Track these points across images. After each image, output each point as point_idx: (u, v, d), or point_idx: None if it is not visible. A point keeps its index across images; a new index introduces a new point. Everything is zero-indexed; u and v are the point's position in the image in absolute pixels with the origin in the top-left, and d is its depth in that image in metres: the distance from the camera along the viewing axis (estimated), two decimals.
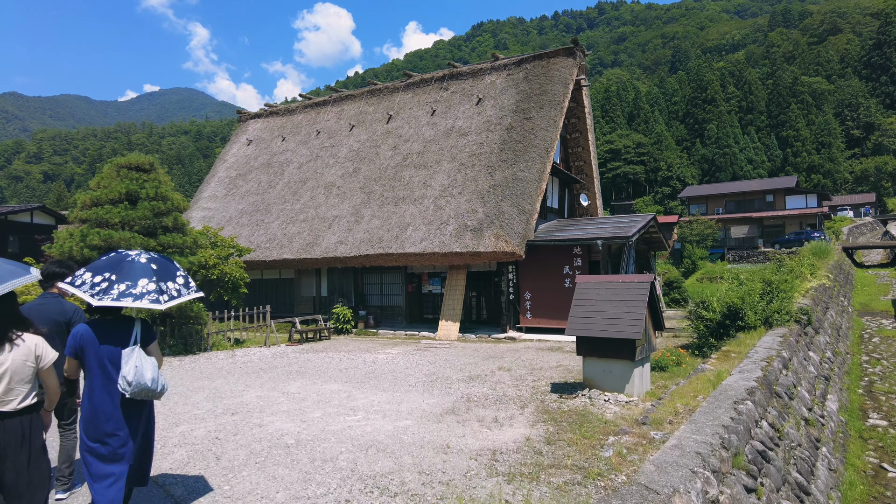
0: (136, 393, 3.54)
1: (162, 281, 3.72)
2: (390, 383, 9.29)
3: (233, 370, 10.88)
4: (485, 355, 12.46)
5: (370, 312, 18.38)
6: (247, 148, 24.65)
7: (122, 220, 11.72)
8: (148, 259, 3.82)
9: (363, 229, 17.64)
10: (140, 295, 3.53)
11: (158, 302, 3.58)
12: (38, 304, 4.50)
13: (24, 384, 3.17)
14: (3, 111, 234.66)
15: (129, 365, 3.55)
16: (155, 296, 3.58)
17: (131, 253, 3.88)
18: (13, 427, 3.09)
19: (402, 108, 21.19)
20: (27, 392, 3.20)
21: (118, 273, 3.62)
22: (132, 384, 3.52)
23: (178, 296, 3.80)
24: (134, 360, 3.57)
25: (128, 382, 3.52)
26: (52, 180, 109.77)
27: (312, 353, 13.32)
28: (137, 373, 3.54)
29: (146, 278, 3.63)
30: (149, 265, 3.75)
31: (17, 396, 3.13)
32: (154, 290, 3.59)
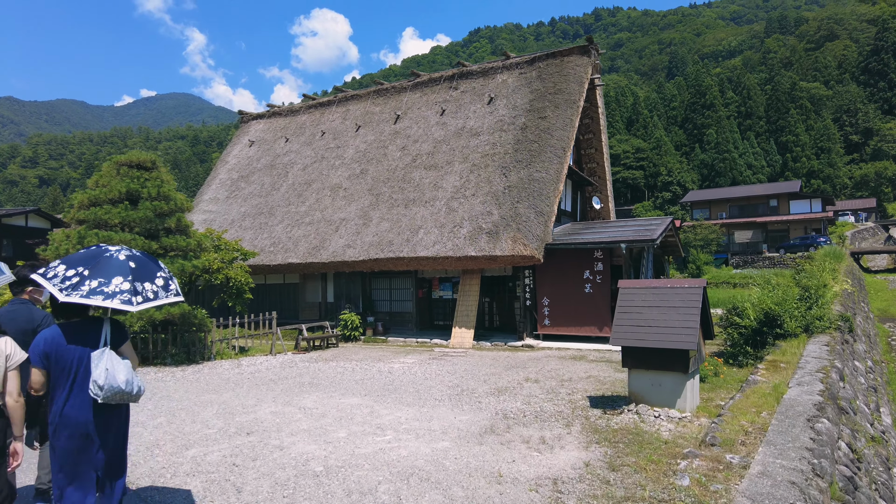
0: (108, 397, 3.29)
1: (138, 281, 3.43)
2: (413, 397, 8.59)
3: (240, 381, 10.15)
4: (506, 365, 11.77)
5: (379, 319, 17.66)
6: (249, 149, 23.94)
7: (123, 221, 11.00)
8: (127, 256, 3.55)
9: (372, 232, 16.95)
10: (112, 294, 3.26)
11: (130, 303, 3.29)
12: (6, 310, 4.22)
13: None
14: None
15: (100, 368, 3.30)
16: (128, 296, 3.29)
17: (111, 248, 3.59)
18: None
19: (410, 107, 20.55)
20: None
21: (92, 268, 3.37)
22: (104, 388, 3.27)
23: (155, 298, 3.47)
24: (104, 363, 3.32)
25: (99, 386, 3.27)
26: (48, 185, 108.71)
27: (322, 363, 12.60)
28: (109, 375, 3.29)
29: (121, 276, 3.36)
30: (126, 263, 3.47)
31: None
32: (128, 291, 3.32)
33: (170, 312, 11.11)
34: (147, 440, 6.19)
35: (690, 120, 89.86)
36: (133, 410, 7.56)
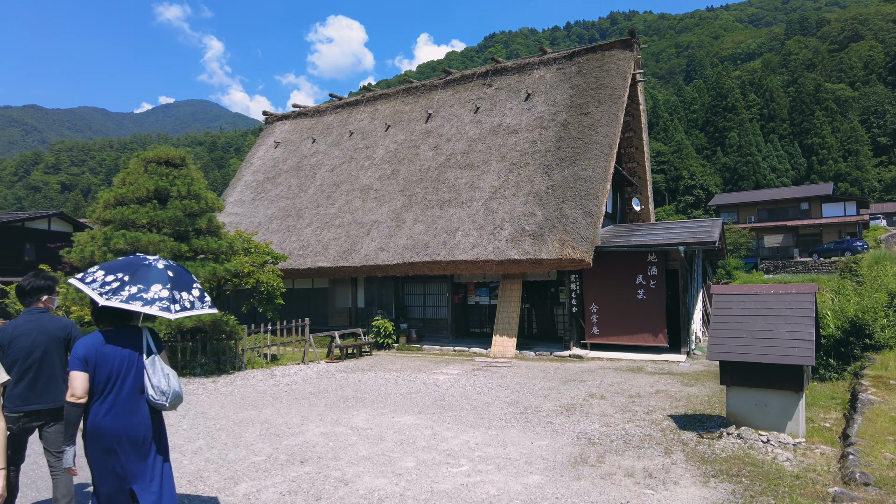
0: (173, 402, 3.32)
1: (176, 290, 3.41)
2: (473, 415, 7.71)
3: (278, 395, 9.33)
4: (559, 378, 10.84)
5: (412, 326, 16.80)
6: (274, 150, 23.27)
7: (151, 220, 10.25)
8: (165, 266, 3.55)
9: (406, 235, 16.12)
10: (151, 300, 3.25)
11: (169, 310, 3.26)
12: (28, 320, 3.98)
13: None
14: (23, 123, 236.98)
15: (158, 375, 3.30)
16: (167, 303, 3.27)
17: (150, 257, 3.61)
18: None
19: (442, 106, 19.74)
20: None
21: (132, 275, 3.35)
22: (167, 393, 3.27)
23: (191, 308, 3.45)
24: (160, 369, 3.33)
25: (161, 392, 3.26)
26: (70, 190, 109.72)
27: (360, 373, 11.77)
28: (170, 381, 3.32)
29: (160, 284, 3.35)
30: (165, 272, 3.47)
31: None
32: (167, 298, 3.29)
33: (200, 319, 10.35)
34: (189, 471, 5.36)
35: (711, 123, 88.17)
36: (168, 431, 6.77)
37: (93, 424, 3.22)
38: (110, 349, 3.28)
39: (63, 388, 3.90)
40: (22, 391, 3.82)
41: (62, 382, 3.99)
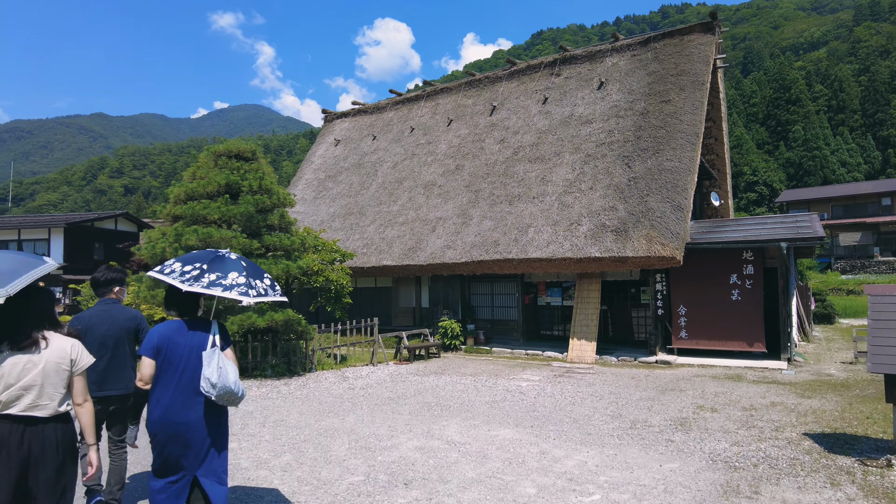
0: (220, 396, 3.35)
1: (251, 277, 3.60)
2: (576, 429, 6.90)
3: (356, 400, 8.75)
4: (654, 386, 9.88)
5: (479, 327, 16.06)
6: (335, 148, 22.98)
7: (222, 216, 9.87)
8: (238, 257, 3.73)
9: (473, 232, 15.39)
10: (230, 286, 3.41)
11: (247, 294, 3.45)
12: (101, 310, 4.28)
13: (57, 389, 2.90)
14: (90, 131, 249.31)
15: (213, 366, 3.36)
16: (244, 289, 3.45)
17: (221, 250, 3.78)
18: (49, 434, 2.85)
19: (507, 97, 18.92)
20: (61, 398, 2.92)
21: (209, 263, 3.53)
22: (217, 386, 3.33)
23: (265, 294, 3.63)
24: (216, 361, 3.39)
25: (212, 384, 3.33)
26: (132, 193, 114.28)
27: (433, 377, 11.11)
28: (222, 374, 3.36)
29: (236, 272, 3.53)
30: (239, 261, 3.67)
31: (51, 401, 2.86)
32: (244, 284, 3.47)
33: (273, 319, 9.91)
34: (284, 492, 4.76)
35: (773, 116, 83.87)
36: (251, 442, 6.25)
37: (155, 410, 3.36)
38: (180, 339, 3.41)
39: (132, 375, 4.23)
40: (96, 377, 3.99)
41: (131, 370, 4.25)
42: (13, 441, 2.74)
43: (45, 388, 2.85)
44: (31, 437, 2.78)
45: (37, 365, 2.84)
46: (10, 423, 2.77)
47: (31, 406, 2.81)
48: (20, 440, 2.75)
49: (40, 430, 2.81)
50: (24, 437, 2.76)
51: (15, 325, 2.86)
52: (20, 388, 2.80)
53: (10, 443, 2.73)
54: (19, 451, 2.74)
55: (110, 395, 4.09)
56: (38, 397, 2.83)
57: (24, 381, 2.80)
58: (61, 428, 2.90)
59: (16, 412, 2.78)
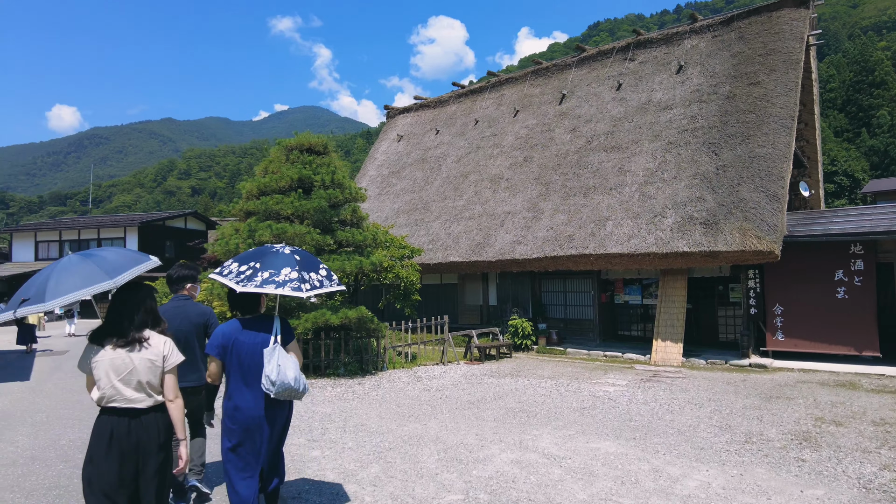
0: (280, 393, 3.43)
1: (304, 271, 3.62)
2: (685, 443, 6.17)
3: (434, 403, 8.29)
4: (757, 394, 8.95)
5: (551, 326, 15.35)
6: (397, 144, 22.72)
7: (295, 211, 9.62)
8: (292, 251, 3.78)
9: (545, 226, 14.69)
10: (282, 282, 3.44)
11: (300, 290, 3.46)
12: (174, 306, 4.46)
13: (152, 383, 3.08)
14: (160, 135, 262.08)
15: (272, 364, 3.44)
16: (297, 283, 3.47)
17: (276, 246, 3.85)
18: (148, 423, 3.04)
19: (577, 85, 18.07)
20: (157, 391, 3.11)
21: (262, 261, 3.59)
22: (276, 383, 3.41)
23: (320, 286, 3.65)
24: (276, 359, 3.46)
25: (271, 382, 3.42)
26: (199, 194, 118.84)
27: (509, 379, 10.53)
28: (280, 371, 3.42)
29: (289, 267, 3.56)
30: (292, 256, 3.70)
31: (151, 395, 3.07)
32: (296, 279, 3.50)
33: (347, 316, 9.59)
34: None
35: (854, 101, 78.25)
36: (334, 450, 5.79)
37: (226, 406, 3.53)
38: (244, 336, 3.51)
39: (202, 368, 4.41)
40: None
41: (202, 364, 4.43)
42: (121, 431, 2.96)
43: (143, 382, 3.04)
44: (137, 427, 2.99)
45: (133, 360, 3.02)
46: (116, 415, 2.99)
47: (132, 399, 3.01)
48: (127, 430, 2.96)
49: (142, 420, 3.01)
50: (131, 427, 2.97)
51: (121, 320, 3.06)
52: (121, 382, 3.00)
53: (119, 433, 2.96)
54: (128, 440, 2.95)
55: (184, 386, 4.15)
56: (137, 390, 3.03)
57: (122, 375, 2.99)
58: (161, 417, 3.11)
59: (119, 405, 2.99)
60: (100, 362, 3.00)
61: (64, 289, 2.85)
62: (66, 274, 2.92)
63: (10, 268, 30.08)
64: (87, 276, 2.91)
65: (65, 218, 52.60)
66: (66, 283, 2.88)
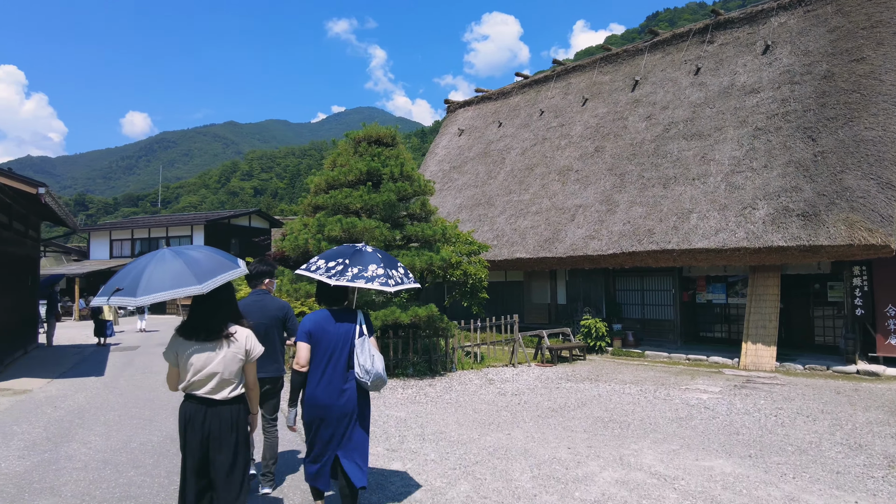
0: (374, 382, 3.59)
1: (388, 268, 3.79)
2: (812, 463, 5.35)
3: (513, 409, 7.71)
4: (877, 405, 7.92)
5: (627, 327, 14.47)
6: (458, 138, 22.22)
7: (364, 204, 9.24)
8: (374, 249, 3.96)
9: (620, 220, 13.83)
10: (371, 278, 3.61)
11: (387, 285, 3.63)
12: (253, 300, 4.59)
13: (234, 375, 3.21)
14: (223, 138, 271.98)
15: (365, 354, 3.59)
16: (384, 279, 3.63)
17: (357, 244, 4.02)
18: (225, 414, 3.17)
19: (651, 71, 17.03)
20: (236, 384, 3.24)
21: (350, 259, 3.76)
22: (371, 373, 3.56)
23: (402, 283, 3.82)
24: (368, 349, 3.62)
25: (366, 371, 3.56)
26: (261, 194, 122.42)
27: (589, 384, 9.82)
28: (374, 361, 3.59)
29: (375, 264, 3.73)
30: (375, 254, 3.89)
31: (229, 387, 3.19)
32: (383, 275, 3.66)
33: (417, 314, 9.15)
34: None
35: None
36: (416, 463, 5.15)
37: (309, 393, 3.62)
38: (331, 327, 3.64)
39: (280, 360, 4.61)
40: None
41: (280, 356, 4.61)
42: (197, 419, 3.13)
43: (224, 375, 3.17)
44: (212, 416, 3.14)
45: (219, 354, 3.15)
46: (196, 403, 3.17)
47: (211, 390, 3.15)
48: (203, 418, 3.13)
49: (218, 411, 3.16)
50: (206, 415, 3.14)
51: (209, 317, 3.18)
52: (205, 374, 3.13)
53: (195, 420, 3.14)
54: (202, 427, 3.12)
55: (262, 377, 4.24)
56: (218, 383, 3.16)
57: (208, 368, 3.13)
58: (235, 409, 3.24)
59: (200, 394, 3.15)
60: (186, 355, 3.13)
61: (154, 287, 2.93)
62: (158, 271, 3.01)
63: (88, 265, 31.50)
64: (176, 277, 2.98)
65: (136, 217, 55.02)
66: (157, 281, 2.95)
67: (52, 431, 6.12)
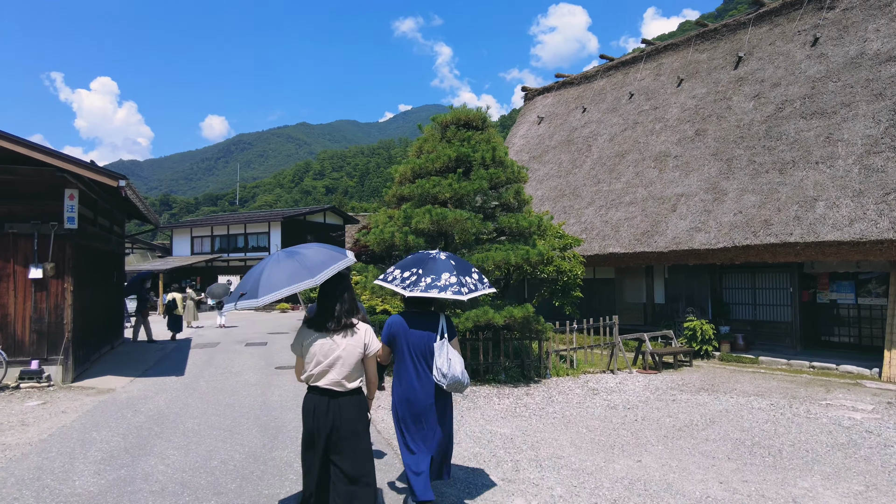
0: (450, 385, 3.63)
1: (461, 275, 3.85)
2: None
3: (632, 427, 6.67)
4: None
5: (735, 329, 12.99)
6: (537, 127, 21.09)
7: (454, 193, 8.42)
8: (447, 256, 4.00)
9: (730, 209, 12.37)
10: (444, 287, 3.70)
11: (461, 293, 3.70)
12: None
13: (354, 368, 3.30)
14: (296, 139, 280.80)
15: (443, 357, 3.65)
16: (457, 287, 3.72)
17: (431, 252, 4.07)
18: (351, 404, 3.28)
19: (757, 45, 15.31)
20: (357, 376, 3.34)
21: (423, 268, 3.85)
22: (447, 375, 3.61)
23: (475, 289, 3.88)
24: (446, 353, 3.66)
25: (443, 374, 3.62)
26: (332, 193, 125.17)
27: (706, 395, 8.60)
28: (451, 365, 3.63)
29: (448, 272, 3.80)
30: (448, 261, 3.92)
31: (349, 378, 3.28)
32: (456, 283, 3.74)
33: (512, 315, 8.26)
34: None
35: None
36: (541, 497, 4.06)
37: (395, 391, 3.85)
38: (412, 329, 3.76)
39: None
40: None
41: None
42: (321, 409, 3.25)
43: (344, 366, 3.26)
44: (335, 406, 3.24)
45: (339, 346, 3.25)
46: (319, 393, 3.28)
47: (334, 381, 3.25)
48: (326, 408, 3.24)
49: (340, 402, 3.26)
50: (330, 406, 3.24)
51: (332, 310, 3.26)
52: (326, 365, 3.24)
53: (319, 409, 3.25)
54: (326, 417, 3.23)
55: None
56: (339, 374, 3.25)
57: (329, 359, 3.24)
58: (356, 400, 3.33)
59: (322, 385, 3.26)
60: (312, 346, 3.26)
61: (273, 285, 3.08)
62: (275, 271, 3.17)
63: (171, 261, 32.63)
64: (292, 274, 3.12)
65: (216, 215, 57.03)
66: (275, 280, 3.10)
67: (130, 441, 5.67)
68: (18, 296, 8.40)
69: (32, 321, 8.45)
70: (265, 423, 6.40)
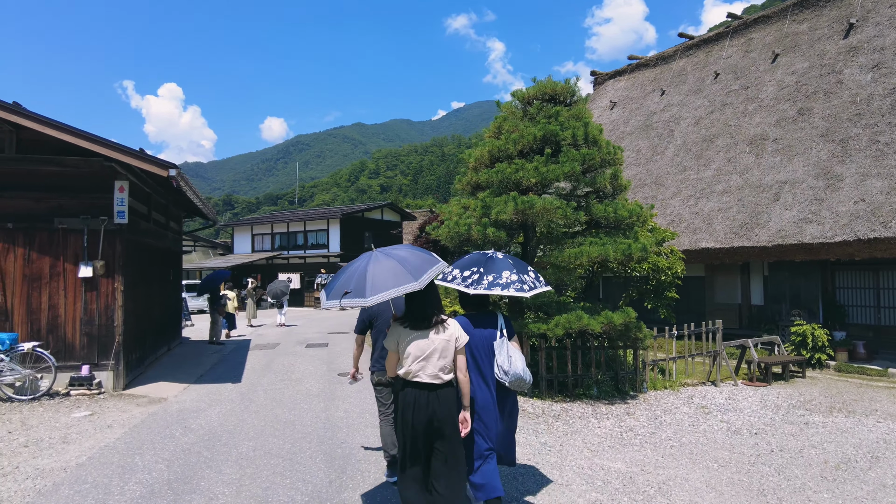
0: (512, 382, 3.68)
1: (520, 273, 3.94)
2: None
3: (771, 461, 5.39)
4: None
5: (853, 335, 11.30)
6: (610, 112, 19.60)
7: (541, 179, 7.30)
8: (504, 255, 4.09)
9: (849, 197, 10.70)
10: (506, 284, 3.78)
11: (522, 290, 3.81)
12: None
13: (447, 362, 3.41)
14: (352, 139, 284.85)
15: (503, 355, 3.70)
16: (519, 285, 3.80)
17: (488, 252, 4.15)
18: (447, 395, 3.41)
19: (872, 10, 13.40)
20: (449, 368, 3.43)
21: (484, 266, 3.92)
22: (509, 373, 3.66)
23: (534, 287, 3.95)
24: (506, 350, 3.72)
25: (504, 371, 3.67)
26: (387, 191, 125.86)
27: (841, 416, 7.18)
28: (511, 362, 3.68)
29: (508, 270, 3.87)
30: (506, 260, 4.02)
31: (444, 371, 3.39)
32: (517, 281, 3.81)
33: (611, 321, 7.09)
34: None
35: None
36: None
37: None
38: (473, 329, 3.77)
39: None
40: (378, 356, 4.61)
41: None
42: (421, 402, 3.37)
43: (439, 359, 3.39)
44: (434, 399, 3.37)
45: (433, 342, 3.41)
46: (418, 388, 3.40)
47: (432, 375, 3.38)
48: (426, 402, 3.37)
49: (438, 395, 3.39)
50: (429, 399, 3.37)
51: (424, 308, 3.43)
52: (424, 360, 3.39)
53: (419, 403, 3.37)
54: (426, 409, 3.35)
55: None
56: (435, 368, 3.38)
57: (424, 354, 3.38)
58: (452, 392, 3.47)
59: (420, 379, 3.39)
60: (405, 342, 3.40)
61: (380, 286, 3.20)
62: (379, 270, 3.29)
63: (232, 258, 32.81)
64: (396, 276, 3.25)
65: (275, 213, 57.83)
66: (381, 281, 3.23)
67: (175, 471, 4.87)
68: (69, 296, 7.87)
69: (83, 323, 7.91)
70: (330, 449, 5.49)
